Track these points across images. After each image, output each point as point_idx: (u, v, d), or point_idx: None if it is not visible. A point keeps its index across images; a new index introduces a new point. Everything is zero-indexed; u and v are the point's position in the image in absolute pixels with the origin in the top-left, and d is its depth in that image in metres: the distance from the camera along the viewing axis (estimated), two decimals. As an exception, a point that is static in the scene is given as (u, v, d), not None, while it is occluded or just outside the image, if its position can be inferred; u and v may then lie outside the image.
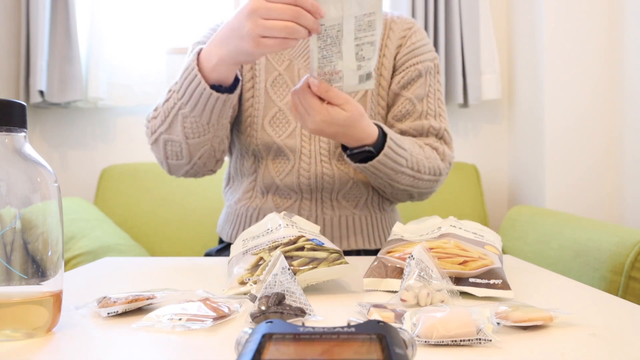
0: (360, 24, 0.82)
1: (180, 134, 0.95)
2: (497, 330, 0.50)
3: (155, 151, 1.02)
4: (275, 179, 1.05)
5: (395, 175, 0.97)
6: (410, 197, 1.07)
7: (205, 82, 0.89)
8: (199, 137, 0.95)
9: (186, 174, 1.04)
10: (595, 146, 1.93)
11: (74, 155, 2.24)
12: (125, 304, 0.55)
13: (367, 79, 0.87)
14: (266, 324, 0.36)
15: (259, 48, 0.80)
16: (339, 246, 1.06)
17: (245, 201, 1.10)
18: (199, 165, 1.01)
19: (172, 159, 1.00)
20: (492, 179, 2.26)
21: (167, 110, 0.95)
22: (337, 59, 0.83)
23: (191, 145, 0.96)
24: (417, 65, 1.07)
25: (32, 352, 0.45)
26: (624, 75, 1.85)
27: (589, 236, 1.39)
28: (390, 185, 1.00)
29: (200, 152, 0.98)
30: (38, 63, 2.01)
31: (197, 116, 0.92)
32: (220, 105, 0.92)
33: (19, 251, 0.47)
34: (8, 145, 0.49)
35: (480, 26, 2.12)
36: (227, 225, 1.14)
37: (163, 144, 0.98)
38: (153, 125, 0.99)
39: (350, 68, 0.84)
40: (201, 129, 0.94)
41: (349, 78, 0.85)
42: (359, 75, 0.85)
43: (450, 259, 0.65)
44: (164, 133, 0.97)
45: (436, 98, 1.10)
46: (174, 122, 0.95)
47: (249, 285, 0.63)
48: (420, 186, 1.03)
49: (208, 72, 0.89)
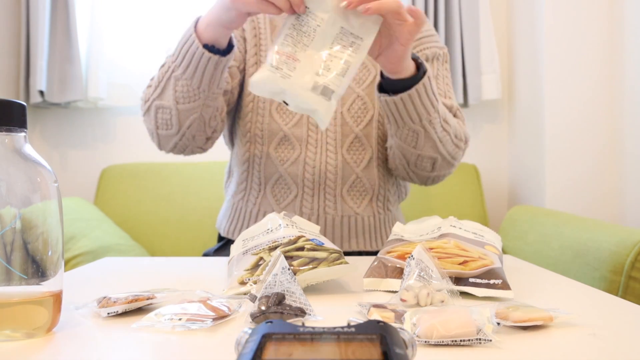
0: (343, 37, 0.75)
1: (171, 99, 0.94)
2: (497, 330, 0.50)
3: (147, 122, 1.00)
4: (279, 168, 1.04)
5: (432, 115, 0.91)
6: (433, 166, 1.01)
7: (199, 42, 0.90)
8: (189, 102, 0.94)
9: (175, 146, 1.01)
10: (595, 146, 1.93)
11: (74, 155, 2.24)
12: (125, 304, 0.55)
13: (322, 93, 0.74)
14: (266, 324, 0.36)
15: (236, 1, 0.78)
16: (340, 247, 1.05)
17: (241, 194, 1.09)
18: (188, 137, 0.99)
19: (162, 129, 0.98)
20: (492, 179, 2.26)
21: (162, 75, 0.95)
22: (301, 48, 0.74)
23: (181, 112, 0.95)
24: (424, 50, 1.07)
25: (32, 352, 0.45)
26: (624, 75, 1.85)
27: (589, 236, 1.39)
28: (425, 131, 0.93)
29: (189, 120, 0.96)
30: (38, 63, 2.01)
31: (188, 78, 0.92)
32: (212, 68, 0.90)
33: (19, 251, 0.47)
34: (8, 145, 0.49)
35: (480, 26, 2.12)
36: (225, 220, 1.14)
37: (155, 111, 0.97)
38: (147, 94, 0.99)
39: (308, 66, 0.74)
40: (192, 93, 0.93)
41: (302, 74, 0.74)
42: (315, 80, 0.74)
43: (450, 259, 0.65)
44: (156, 99, 0.96)
45: (445, 83, 1.08)
46: (167, 87, 0.95)
47: (249, 285, 0.63)
48: (447, 145, 0.98)
49: (200, 33, 0.89)
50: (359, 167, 1.05)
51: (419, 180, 1.07)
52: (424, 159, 1.00)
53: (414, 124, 0.93)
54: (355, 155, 1.04)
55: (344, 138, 1.04)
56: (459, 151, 1.02)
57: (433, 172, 1.03)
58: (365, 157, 1.05)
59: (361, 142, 1.05)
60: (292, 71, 0.74)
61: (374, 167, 1.06)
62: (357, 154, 1.05)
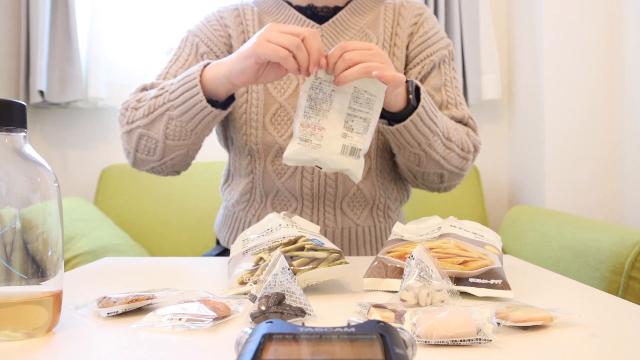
0: (358, 96, 0.80)
1: (160, 133, 0.94)
2: (497, 330, 0.50)
3: (126, 140, 0.99)
4: (277, 182, 1.02)
5: (431, 139, 0.93)
6: (441, 179, 1.02)
7: (203, 93, 0.89)
8: (179, 140, 0.94)
9: (151, 170, 1.02)
10: (595, 146, 1.93)
11: (74, 155, 2.24)
12: (125, 304, 0.55)
13: (351, 153, 0.80)
14: (266, 324, 0.36)
15: (260, 48, 0.80)
16: None
17: (244, 204, 1.07)
18: (168, 165, 1.00)
19: (142, 154, 0.98)
20: (492, 179, 2.26)
21: (154, 106, 0.94)
22: (323, 116, 0.80)
23: (168, 146, 0.95)
24: (431, 56, 1.05)
25: (32, 352, 0.45)
26: (624, 75, 1.85)
27: (589, 236, 1.39)
28: (426, 154, 0.95)
29: (174, 154, 0.97)
30: (38, 63, 2.01)
31: (184, 122, 0.92)
32: (210, 119, 0.92)
33: (19, 251, 0.47)
34: (8, 145, 0.49)
35: (480, 26, 2.12)
36: (224, 228, 1.12)
37: (137, 137, 0.96)
38: (132, 116, 0.97)
39: (335, 132, 0.80)
40: (183, 134, 0.93)
41: (330, 142, 0.80)
42: (342, 144, 0.80)
43: (450, 259, 0.65)
44: (142, 128, 0.95)
45: (453, 86, 1.07)
46: (157, 120, 0.93)
47: (249, 285, 0.63)
48: (452, 160, 0.98)
49: (205, 83, 0.89)
50: None
51: (429, 190, 1.09)
52: (430, 175, 1.01)
53: (414, 148, 0.94)
54: None
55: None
56: (467, 162, 1.03)
57: (442, 184, 1.05)
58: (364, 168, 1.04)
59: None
60: (320, 140, 0.80)
61: (372, 177, 1.05)
62: None
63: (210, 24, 1.07)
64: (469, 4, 2.10)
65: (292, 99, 1.02)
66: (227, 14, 1.08)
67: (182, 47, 1.07)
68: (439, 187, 1.07)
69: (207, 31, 1.06)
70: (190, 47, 1.06)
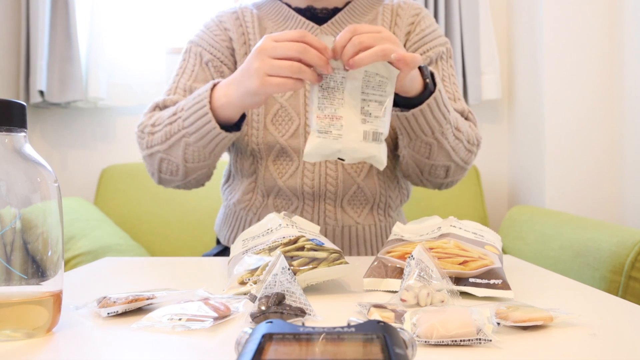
0: (369, 80, 0.77)
1: (179, 158, 0.95)
2: (497, 330, 0.50)
3: (148, 163, 1.01)
4: (278, 181, 1.03)
5: (444, 127, 0.91)
6: (447, 172, 1.01)
7: (215, 120, 0.89)
8: (199, 162, 0.96)
9: (176, 187, 1.05)
10: (595, 146, 1.93)
11: (74, 155, 2.24)
12: (125, 304, 0.55)
13: (374, 139, 0.76)
14: (266, 324, 0.36)
15: (264, 87, 0.78)
16: None
17: (245, 203, 1.08)
18: (192, 182, 1.03)
19: (166, 174, 1.00)
20: (492, 179, 2.26)
21: (170, 133, 0.94)
22: (338, 104, 0.76)
23: (189, 168, 0.97)
24: (428, 52, 1.05)
25: (32, 352, 0.45)
26: (624, 75, 1.85)
27: (589, 236, 1.39)
28: (438, 142, 0.93)
29: (197, 174, 1.00)
30: (38, 63, 2.01)
31: (200, 147, 0.93)
32: (226, 142, 0.93)
33: (19, 251, 0.47)
34: (8, 145, 0.49)
35: (480, 26, 2.12)
36: (225, 227, 1.12)
37: (159, 161, 0.98)
38: (150, 141, 0.98)
39: (353, 119, 0.75)
40: (202, 157, 0.95)
41: (350, 129, 0.75)
42: (363, 130, 0.75)
43: (450, 259, 0.65)
44: (162, 152, 0.96)
45: (452, 82, 1.07)
46: (175, 146, 0.94)
47: (249, 285, 0.63)
48: (459, 152, 0.98)
49: (215, 108, 0.89)
50: (359, 177, 1.03)
51: (432, 186, 1.08)
52: (438, 168, 1.00)
53: (427, 136, 0.93)
54: (356, 165, 1.03)
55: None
56: (472, 155, 1.03)
57: (447, 178, 1.04)
58: (365, 166, 1.03)
59: None
60: (340, 130, 0.75)
61: (374, 175, 1.05)
62: (357, 164, 1.03)
63: (211, 30, 1.07)
64: (469, 4, 2.10)
65: (292, 99, 1.02)
66: (226, 18, 1.08)
67: (186, 59, 1.07)
68: (442, 183, 1.06)
69: (209, 38, 1.06)
70: (195, 58, 1.06)
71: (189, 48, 1.08)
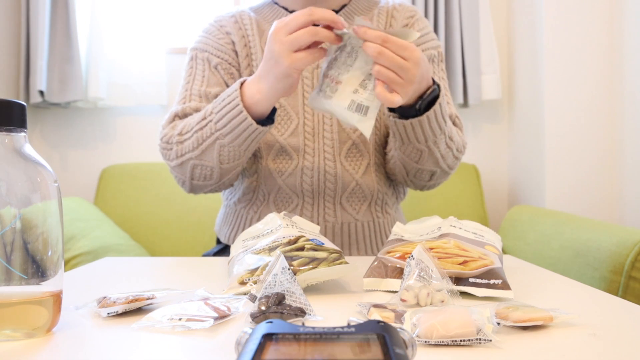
0: None
1: (214, 161, 0.95)
2: (497, 330, 0.50)
3: (178, 172, 1.01)
4: (277, 180, 1.04)
5: (438, 137, 0.93)
6: (431, 177, 1.03)
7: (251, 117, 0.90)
8: (234, 161, 0.96)
9: (208, 191, 1.05)
10: (595, 146, 1.93)
11: (74, 155, 2.24)
12: (125, 304, 0.55)
13: (357, 110, 0.79)
14: (266, 324, 0.36)
15: (293, 63, 0.79)
16: None
17: (245, 202, 1.08)
18: (225, 183, 1.02)
19: (199, 180, 1.00)
20: (492, 179, 2.26)
21: (202, 138, 0.94)
22: (344, 70, 0.79)
23: (224, 170, 0.97)
24: None
25: (32, 352, 0.45)
26: (624, 75, 1.85)
27: (589, 236, 1.39)
28: (429, 150, 0.95)
29: (231, 174, 0.99)
30: (38, 63, 2.01)
31: (236, 146, 0.93)
32: (260, 137, 0.93)
33: (19, 251, 0.47)
34: (8, 145, 0.49)
35: (480, 26, 2.12)
36: (225, 226, 1.13)
37: (191, 167, 0.98)
38: (180, 149, 0.97)
39: (348, 87, 0.79)
40: (237, 155, 0.95)
41: (341, 95, 0.79)
42: (351, 99, 0.78)
43: (450, 259, 0.65)
44: (195, 159, 0.96)
45: (443, 86, 1.07)
46: (209, 150, 0.94)
47: (249, 285, 0.63)
48: (447, 159, 0.99)
49: (248, 106, 0.89)
50: (357, 174, 1.04)
51: (414, 187, 1.11)
52: (424, 172, 1.02)
53: (420, 144, 0.94)
54: (354, 162, 1.04)
55: (341, 145, 1.04)
56: (457, 162, 1.05)
57: (430, 182, 1.06)
58: (363, 163, 1.05)
59: (358, 149, 1.05)
60: (334, 93, 0.79)
61: (372, 172, 1.06)
62: (355, 161, 1.05)
63: (213, 34, 1.08)
64: (469, 4, 2.10)
65: (291, 99, 1.03)
66: (226, 21, 1.09)
67: (193, 67, 1.07)
68: (424, 185, 1.08)
69: (213, 42, 1.06)
70: (203, 63, 1.06)
71: (194, 55, 1.07)
